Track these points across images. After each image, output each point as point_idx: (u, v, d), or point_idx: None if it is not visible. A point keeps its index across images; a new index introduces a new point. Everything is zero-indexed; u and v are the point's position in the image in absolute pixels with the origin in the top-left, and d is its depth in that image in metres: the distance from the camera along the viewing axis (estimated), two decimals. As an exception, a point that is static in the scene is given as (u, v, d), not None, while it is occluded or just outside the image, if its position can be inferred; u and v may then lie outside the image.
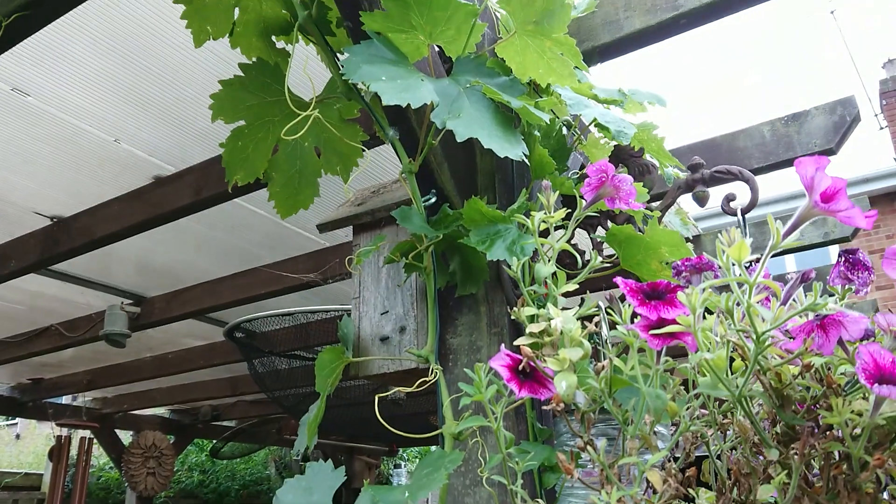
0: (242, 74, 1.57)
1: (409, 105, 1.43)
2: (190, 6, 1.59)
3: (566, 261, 1.33)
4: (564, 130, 1.65)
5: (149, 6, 2.09)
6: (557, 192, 1.11)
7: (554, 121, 1.51)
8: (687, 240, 1.67)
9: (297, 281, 3.64)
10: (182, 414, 8.50)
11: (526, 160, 1.21)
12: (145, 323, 4.33)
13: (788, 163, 2.44)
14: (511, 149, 1.14)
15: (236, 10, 1.63)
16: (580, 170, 1.76)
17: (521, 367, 0.89)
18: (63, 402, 7.53)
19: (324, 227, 1.74)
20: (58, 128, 2.55)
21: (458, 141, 1.10)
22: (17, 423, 15.63)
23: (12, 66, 2.21)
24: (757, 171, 2.48)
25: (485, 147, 1.10)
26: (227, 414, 7.96)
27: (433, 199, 1.43)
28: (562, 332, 0.88)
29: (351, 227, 1.73)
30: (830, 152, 2.39)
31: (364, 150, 1.71)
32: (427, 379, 1.34)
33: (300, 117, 1.35)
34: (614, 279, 0.84)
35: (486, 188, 1.55)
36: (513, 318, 0.97)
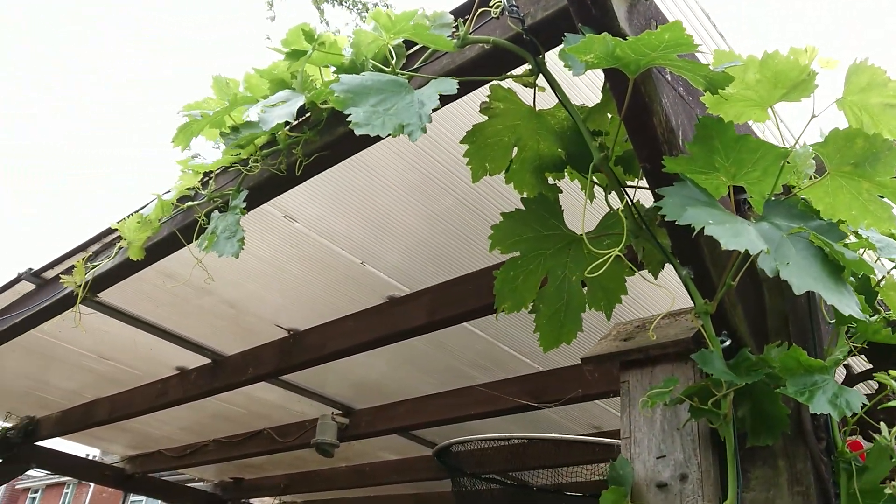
0: (523, 207, 1.62)
1: (701, 244, 1.42)
2: (473, 145, 1.70)
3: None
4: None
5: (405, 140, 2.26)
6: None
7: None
8: None
9: (506, 404, 3.61)
10: (362, 526, 8.54)
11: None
12: (352, 434, 4.46)
13: None
14: (849, 304, 1.07)
15: (514, 149, 1.72)
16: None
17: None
18: None
19: (589, 362, 1.72)
20: (315, 250, 2.78)
21: (796, 294, 1.05)
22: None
23: (288, 195, 2.45)
24: None
25: (828, 302, 1.04)
26: (407, 530, 7.90)
27: (728, 342, 1.37)
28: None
29: (618, 362, 1.69)
30: None
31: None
32: (729, 539, 1.24)
33: (603, 258, 1.36)
34: None
35: (777, 331, 1.47)
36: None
